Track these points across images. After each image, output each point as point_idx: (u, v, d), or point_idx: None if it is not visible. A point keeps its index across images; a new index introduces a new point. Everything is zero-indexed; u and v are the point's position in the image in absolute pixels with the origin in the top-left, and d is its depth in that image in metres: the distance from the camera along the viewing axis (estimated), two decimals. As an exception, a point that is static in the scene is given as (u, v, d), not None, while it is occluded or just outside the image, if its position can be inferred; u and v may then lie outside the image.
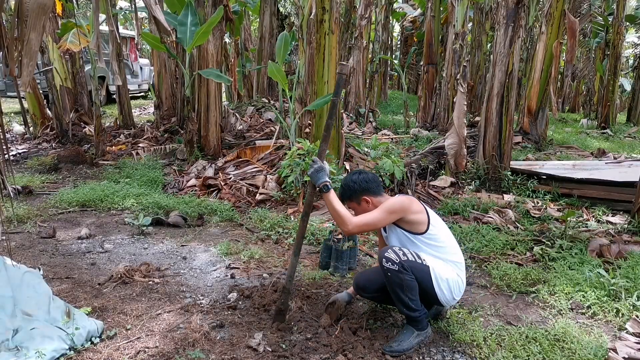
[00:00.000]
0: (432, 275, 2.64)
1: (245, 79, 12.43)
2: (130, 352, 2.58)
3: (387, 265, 2.59)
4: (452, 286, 2.69)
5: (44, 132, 8.91)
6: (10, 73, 2.39)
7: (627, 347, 2.70)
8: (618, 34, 12.40)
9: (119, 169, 6.79)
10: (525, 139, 9.11)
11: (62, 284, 3.41)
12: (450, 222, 4.86)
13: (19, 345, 2.41)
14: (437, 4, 10.84)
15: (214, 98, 7.19)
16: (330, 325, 2.85)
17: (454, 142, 6.12)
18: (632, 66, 18.52)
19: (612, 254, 3.94)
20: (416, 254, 2.65)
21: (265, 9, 11.63)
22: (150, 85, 13.31)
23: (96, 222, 4.88)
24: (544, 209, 5.27)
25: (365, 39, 12.17)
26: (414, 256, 2.63)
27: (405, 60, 15.75)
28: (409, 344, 2.65)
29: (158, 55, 9.40)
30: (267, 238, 4.52)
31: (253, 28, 18.34)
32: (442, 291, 2.67)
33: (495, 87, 5.81)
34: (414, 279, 2.60)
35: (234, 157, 6.81)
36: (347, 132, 9.41)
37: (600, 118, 13.02)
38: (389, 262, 2.59)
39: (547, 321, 3.06)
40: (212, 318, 2.98)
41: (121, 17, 17.32)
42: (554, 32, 8.54)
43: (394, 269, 2.58)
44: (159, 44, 7.06)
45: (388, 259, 2.60)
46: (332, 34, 5.68)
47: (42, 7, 2.34)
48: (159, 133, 8.82)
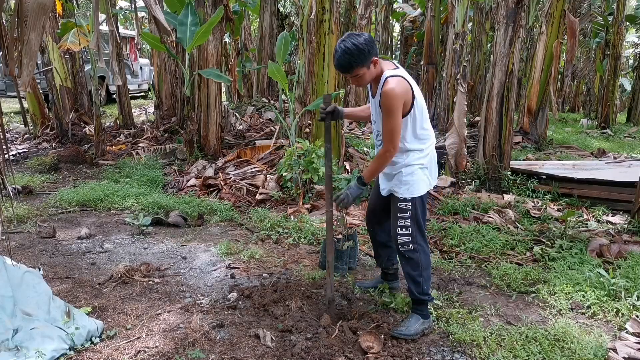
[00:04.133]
0: (417, 202, 2.76)
1: (245, 79, 12.43)
2: (130, 352, 2.58)
3: (405, 249, 2.75)
4: (429, 182, 2.83)
5: (44, 132, 8.91)
6: (10, 73, 2.39)
7: (627, 347, 2.70)
8: (618, 34, 12.40)
9: (119, 169, 6.79)
10: (525, 139, 9.10)
11: (62, 284, 3.42)
12: (450, 222, 4.86)
13: (19, 345, 2.41)
14: (437, 4, 10.83)
15: (214, 98, 7.19)
16: (330, 325, 2.85)
17: (455, 142, 6.12)
18: (632, 66, 18.52)
19: (612, 254, 3.94)
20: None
21: (265, 9, 11.63)
22: (150, 85, 13.30)
23: (96, 222, 4.88)
24: (544, 209, 5.27)
25: (365, 39, 12.15)
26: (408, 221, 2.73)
27: (405, 60, 15.74)
28: (415, 329, 2.78)
29: (158, 55, 9.40)
30: (267, 238, 4.52)
31: (253, 28, 18.33)
32: (418, 190, 2.77)
33: (495, 87, 5.81)
34: (428, 254, 2.80)
35: (234, 157, 6.81)
36: (347, 132, 9.41)
37: (600, 118, 13.01)
38: (404, 246, 2.75)
39: (547, 321, 3.06)
40: (212, 318, 2.98)
41: (121, 17, 17.32)
42: (554, 32, 8.54)
43: (410, 249, 2.74)
44: (159, 44, 7.06)
45: (404, 244, 2.74)
46: (332, 34, 5.68)
47: (42, 7, 2.34)
48: (159, 133, 8.82)
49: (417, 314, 2.84)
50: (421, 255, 2.76)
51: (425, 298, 2.82)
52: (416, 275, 2.78)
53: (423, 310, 2.84)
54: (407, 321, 2.83)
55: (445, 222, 4.88)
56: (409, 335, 2.75)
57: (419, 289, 2.80)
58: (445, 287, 3.53)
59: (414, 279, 2.78)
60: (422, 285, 2.79)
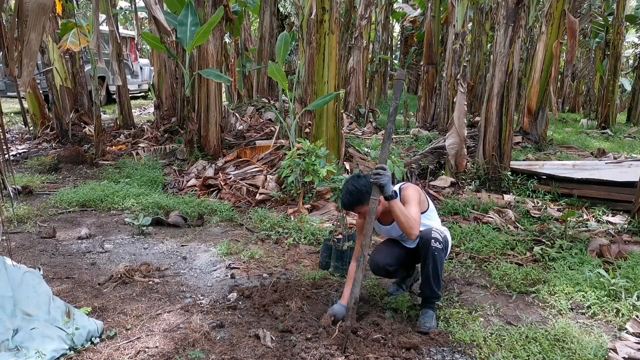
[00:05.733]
0: (449, 240, 3.06)
1: (245, 79, 12.43)
2: (130, 352, 2.58)
3: (436, 246, 2.85)
4: (450, 244, 3.13)
5: (44, 132, 8.92)
6: (10, 73, 2.39)
7: (627, 347, 2.70)
8: (618, 34, 12.40)
9: (119, 169, 6.79)
10: (525, 139, 9.10)
11: (62, 284, 3.41)
12: (450, 222, 4.86)
13: (19, 345, 2.41)
14: (437, 4, 10.84)
15: (214, 98, 7.19)
16: (330, 325, 2.85)
17: (455, 142, 6.12)
18: (632, 66, 18.52)
19: (612, 254, 3.94)
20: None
21: (265, 9, 11.63)
22: (150, 85, 13.31)
23: (96, 222, 4.88)
24: (544, 209, 5.27)
25: (365, 39, 12.18)
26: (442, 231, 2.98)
27: (405, 60, 15.74)
28: (435, 322, 2.95)
29: (158, 55, 9.40)
30: (267, 238, 4.51)
31: (253, 28, 18.33)
32: (448, 250, 3.06)
33: (495, 87, 5.81)
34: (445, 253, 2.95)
35: (234, 157, 6.81)
36: (347, 132, 9.42)
37: (600, 118, 13.01)
38: (437, 242, 2.86)
39: (547, 321, 3.06)
40: (212, 318, 2.97)
41: (121, 17, 17.32)
42: (554, 32, 8.54)
43: (440, 247, 2.86)
44: (159, 44, 7.06)
45: (437, 240, 2.86)
46: (332, 34, 5.68)
47: (42, 7, 2.34)
48: (159, 133, 8.83)
49: (429, 309, 2.99)
50: (444, 255, 2.95)
51: (439, 295, 3.02)
52: (439, 273, 2.92)
53: (434, 306, 3.03)
54: (425, 316, 2.96)
55: (445, 222, 4.88)
56: (433, 328, 2.90)
57: (438, 286, 2.95)
58: (446, 287, 3.53)
59: (437, 279, 2.92)
60: (440, 283, 2.97)
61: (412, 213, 2.81)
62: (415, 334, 2.85)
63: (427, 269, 2.90)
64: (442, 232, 2.95)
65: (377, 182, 2.71)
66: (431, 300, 2.99)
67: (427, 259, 2.88)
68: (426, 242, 2.87)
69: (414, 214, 2.81)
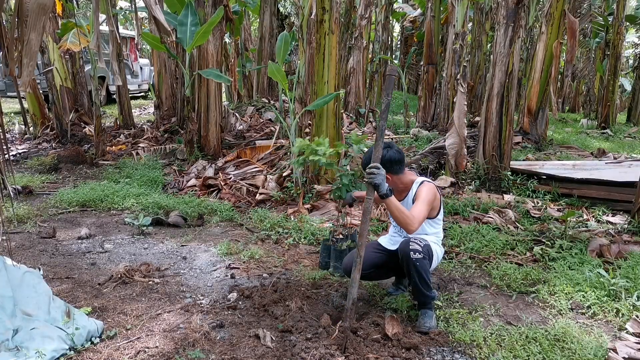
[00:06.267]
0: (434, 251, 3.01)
1: (245, 79, 12.43)
2: (130, 352, 2.58)
3: (416, 256, 2.83)
4: (439, 258, 3.13)
5: (44, 132, 8.92)
6: (10, 73, 2.39)
7: (627, 347, 2.70)
8: (618, 34, 12.40)
9: (119, 169, 6.79)
10: (525, 139, 9.10)
11: (62, 284, 3.42)
12: (450, 222, 4.86)
13: (19, 345, 2.41)
14: (437, 4, 10.83)
15: (214, 98, 7.19)
16: (330, 325, 2.85)
17: (455, 142, 6.12)
18: (632, 66, 18.52)
19: (612, 254, 3.94)
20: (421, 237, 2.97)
21: (265, 9, 11.63)
22: (150, 85, 13.31)
23: (96, 222, 4.88)
24: (544, 209, 5.27)
25: (365, 39, 12.16)
26: (424, 239, 2.93)
27: (405, 60, 15.73)
28: (435, 322, 2.97)
29: (158, 55, 9.40)
30: (267, 238, 4.52)
31: (253, 28, 18.33)
32: (434, 263, 3.05)
33: (495, 87, 5.81)
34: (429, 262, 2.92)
35: (234, 157, 6.82)
36: (347, 132, 9.40)
37: (600, 118, 13.01)
38: (416, 253, 2.83)
39: (547, 321, 3.06)
40: (212, 318, 2.98)
41: (121, 17, 17.32)
42: (554, 32, 8.54)
43: (420, 257, 2.83)
44: (159, 44, 7.06)
45: (415, 251, 2.83)
46: (332, 34, 5.68)
47: (42, 7, 2.34)
48: (159, 133, 8.83)
49: (427, 309, 3.00)
50: (427, 262, 2.90)
51: (433, 294, 3.01)
52: (426, 278, 2.89)
53: (431, 306, 3.03)
54: (425, 317, 2.97)
55: (445, 222, 4.88)
56: (433, 328, 2.92)
57: (428, 289, 2.93)
58: (445, 287, 3.53)
59: (426, 283, 2.89)
60: (429, 286, 2.95)
61: (415, 210, 2.80)
62: (415, 334, 2.85)
63: (414, 279, 2.88)
64: (421, 240, 2.90)
65: (371, 182, 2.67)
66: (427, 302, 2.99)
67: (411, 271, 2.86)
68: (405, 256, 2.85)
69: (416, 211, 2.79)
